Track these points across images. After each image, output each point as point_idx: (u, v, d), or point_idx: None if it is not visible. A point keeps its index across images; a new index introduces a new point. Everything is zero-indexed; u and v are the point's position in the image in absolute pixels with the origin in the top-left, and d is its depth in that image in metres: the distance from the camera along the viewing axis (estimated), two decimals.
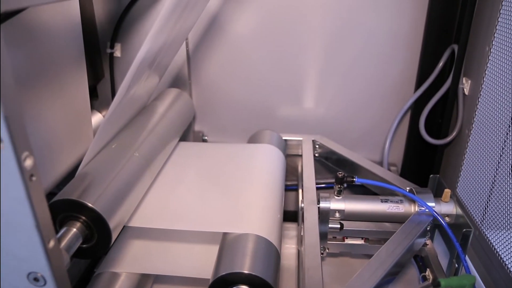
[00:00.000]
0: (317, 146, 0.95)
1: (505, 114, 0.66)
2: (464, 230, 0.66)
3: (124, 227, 0.61)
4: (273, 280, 0.54)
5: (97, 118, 0.95)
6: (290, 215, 0.88)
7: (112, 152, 0.65)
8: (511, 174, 0.64)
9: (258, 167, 0.80)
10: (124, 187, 0.60)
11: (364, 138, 1.02)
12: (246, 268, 0.53)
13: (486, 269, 0.69)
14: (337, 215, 0.73)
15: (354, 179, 0.72)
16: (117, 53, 0.96)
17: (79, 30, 0.70)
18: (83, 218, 0.52)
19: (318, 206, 0.71)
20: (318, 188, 0.77)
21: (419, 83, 0.92)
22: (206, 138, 1.07)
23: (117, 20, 0.92)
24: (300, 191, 0.83)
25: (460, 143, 0.82)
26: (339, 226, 0.73)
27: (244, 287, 0.53)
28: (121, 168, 0.61)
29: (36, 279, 0.39)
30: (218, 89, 1.02)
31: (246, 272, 0.53)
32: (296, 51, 0.95)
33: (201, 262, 0.64)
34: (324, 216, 0.72)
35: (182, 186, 0.74)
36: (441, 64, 0.87)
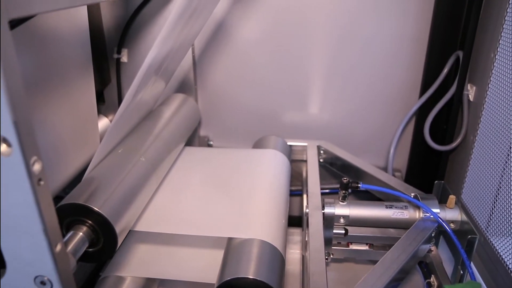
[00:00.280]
0: (322, 152, 0.95)
1: (510, 120, 0.66)
2: (469, 236, 0.66)
3: (129, 231, 0.61)
4: (277, 285, 0.54)
5: (103, 123, 0.96)
6: (294, 220, 0.88)
7: (118, 156, 0.65)
8: None
9: (263, 173, 0.80)
10: (130, 192, 0.60)
11: (369, 143, 1.02)
12: (251, 273, 0.54)
13: (491, 276, 0.69)
14: (341, 220, 0.73)
15: (359, 185, 0.72)
16: (123, 58, 0.97)
17: (87, 36, 0.71)
18: (90, 222, 0.52)
19: (323, 211, 0.71)
20: (322, 194, 0.77)
21: (424, 89, 0.92)
22: (212, 143, 1.07)
23: (124, 26, 0.93)
24: (304, 196, 0.83)
25: (465, 149, 0.82)
26: (343, 231, 0.73)
27: None
28: (127, 172, 0.62)
29: (42, 283, 0.39)
30: (224, 94, 1.02)
31: (251, 277, 0.53)
32: (301, 57, 0.96)
33: (206, 267, 0.64)
34: (328, 221, 0.72)
35: (187, 191, 0.74)
36: (446, 70, 0.87)
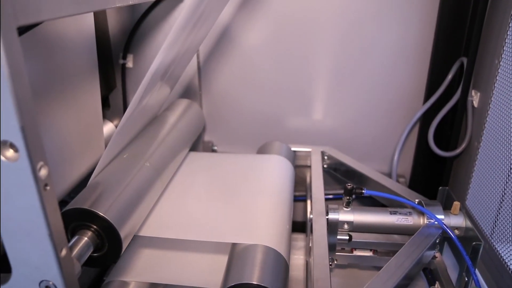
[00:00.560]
0: (326, 157, 0.95)
1: None
2: (473, 243, 0.65)
3: (134, 236, 0.61)
4: None
5: (108, 128, 0.96)
6: (298, 226, 0.88)
7: (123, 162, 0.65)
8: None
9: (267, 178, 0.80)
10: (135, 197, 0.60)
11: (373, 149, 1.02)
12: (255, 279, 0.54)
13: (496, 282, 0.69)
14: (345, 226, 0.72)
15: (363, 191, 0.72)
16: (129, 64, 0.97)
17: (93, 42, 0.72)
18: (95, 227, 0.52)
19: (327, 217, 0.71)
20: (326, 199, 0.77)
21: (428, 95, 0.92)
22: (216, 148, 1.08)
23: (129, 31, 0.94)
24: (308, 202, 0.83)
25: (469, 155, 0.82)
26: (347, 237, 0.73)
27: None
28: (132, 178, 0.62)
29: (47, 287, 0.39)
30: (228, 100, 1.03)
31: (255, 283, 0.53)
32: (305, 63, 0.96)
33: (210, 272, 0.64)
34: (332, 227, 0.72)
35: (191, 196, 0.74)
36: (450, 76, 0.88)
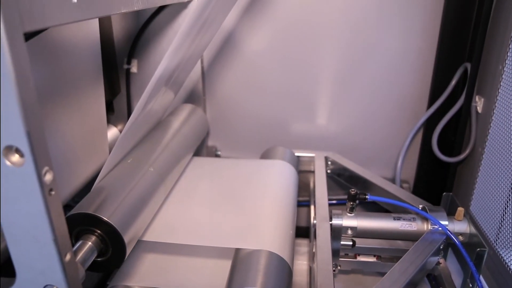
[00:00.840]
0: (329, 163, 0.95)
1: None
2: (478, 249, 0.65)
3: (137, 241, 0.61)
4: None
5: (112, 132, 0.97)
6: (301, 231, 0.88)
7: (127, 166, 0.66)
8: None
9: (270, 183, 0.80)
10: (139, 202, 0.61)
11: (377, 155, 1.02)
12: (258, 284, 0.54)
13: None
14: (349, 232, 0.72)
15: (367, 196, 0.72)
16: (133, 69, 0.98)
17: (98, 47, 0.72)
18: (99, 231, 0.52)
19: (330, 223, 0.71)
20: (330, 205, 0.77)
21: (432, 101, 0.92)
22: (219, 153, 1.08)
23: (134, 37, 0.94)
24: (312, 207, 0.83)
25: (473, 161, 0.82)
26: (351, 243, 0.72)
27: None
28: (136, 183, 0.62)
29: None
30: (232, 104, 1.03)
31: None
32: (309, 69, 0.96)
33: (213, 278, 0.64)
34: (336, 233, 0.72)
35: (195, 201, 0.75)
36: (454, 82, 0.88)
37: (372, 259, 0.75)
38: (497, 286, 0.69)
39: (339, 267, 0.75)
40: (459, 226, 0.70)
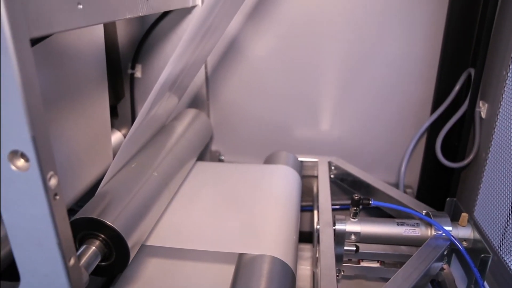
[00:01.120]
0: (333, 168, 0.95)
1: None
2: (482, 255, 0.65)
3: (141, 246, 0.62)
4: None
5: (116, 137, 0.97)
6: (305, 236, 0.88)
7: (131, 171, 0.66)
8: None
9: (274, 188, 0.80)
10: (143, 207, 0.61)
11: (380, 160, 1.02)
12: None
13: None
14: (352, 237, 0.72)
15: (370, 202, 0.72)
16: (137, 73, 0.98)
17: (102, 52, 0.72)
18: (103, 236, 0.52)
19: (334, 228, 0.71)
20: (333, 210, 0.77)
21: (435, 106, 0.92)
22: (223, 158, 1.08)
23: (138, 42, 0.95)
24: (315, 212, 0.83)
25: (477, 166, 0.82)
26: (354, 248, 0.72)
27: None
28: (140, 187, 0.62)
29: None
30: (235, 109, 1.03)
31: None
32: (312, 74, 0.96)
33: (216, 283, 0.64)
34: (339, 238, 0.71)
35: (198, 206, 0.75)
36: (457, 87, 0.87)
37: (375, 265, 0.75)
38: None
39: (342, 273, 0.75)
40: (463, 232, 0.70)
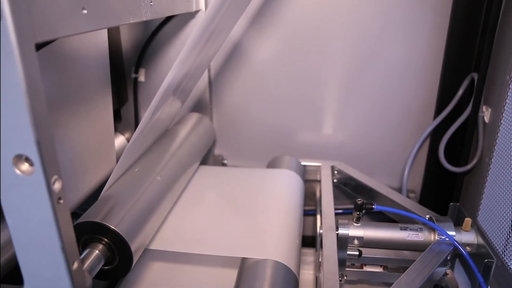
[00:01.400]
0: (335, 172, 0.95)
1: None
2: (486, 260, 0.65)
3: (144, 250, 0.62)
4: None
5: (120, 141, 0.97)
6: (307, 240, 0.88)
7: (135, 175, 0.66)
8: None
9: (277, 192, 0.80)
10: (146, 211, 0.61)
11: (383, 164, 1.02)
12: None
13: None
14: (355, 242, 0.72)
15: (373, 206, 0.72)
16: (141, 78, 0.98)
17: (106, 56, 0.73)
18: (106, 240, 0.53)
19: (337, 232, 0.71)
20: (336, 214, 0.77)
21: (438, 111, 0.92)
22: (226, 162, 1.08)
23: (142, 46, 0.95)
24: (318, 217, 0.83)
25: (481, 171, 0.82)
26: (357, 253, 0.72)
27: None
28: (143, 191, 0.63)
29: None
30: (238, 114, 1.03)
31: None
32: (315, 78, 0.96)
33: (219, 287, 0.64)
34: (342, 243, 0.71)
35: (201, 210, 0.75)
36: (460, 92, 0.87)
37: (378, 269, 0.74)
38: None
39: (345, 277, 0.74)
40: (466, 237, 0.70)
